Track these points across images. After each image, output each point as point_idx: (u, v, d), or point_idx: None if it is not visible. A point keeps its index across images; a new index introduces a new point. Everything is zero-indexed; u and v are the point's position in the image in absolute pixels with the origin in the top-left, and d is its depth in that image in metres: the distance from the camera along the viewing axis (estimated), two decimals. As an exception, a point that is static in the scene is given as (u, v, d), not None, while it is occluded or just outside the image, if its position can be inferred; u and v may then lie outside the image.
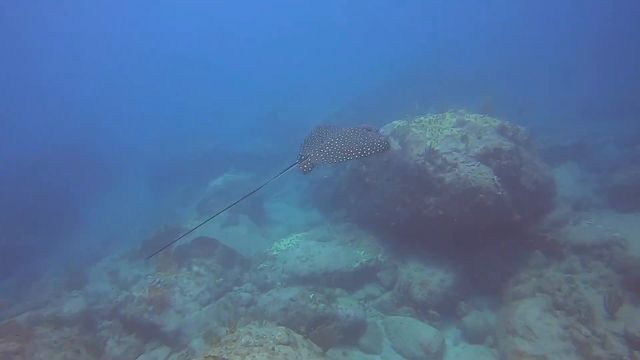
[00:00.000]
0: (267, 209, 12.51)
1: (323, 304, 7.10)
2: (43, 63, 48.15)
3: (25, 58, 45.74)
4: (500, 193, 6.97)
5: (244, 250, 9.43)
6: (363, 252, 8.45)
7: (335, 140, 4.56)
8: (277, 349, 5.28)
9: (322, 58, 45.82)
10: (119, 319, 7.33)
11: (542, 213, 8.15)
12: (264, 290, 8.00)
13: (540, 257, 7.46)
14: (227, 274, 8.77)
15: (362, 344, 6.92)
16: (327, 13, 53.64)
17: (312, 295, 7.27)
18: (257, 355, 4.90)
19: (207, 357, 4.72)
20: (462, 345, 6.83)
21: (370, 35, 48.14)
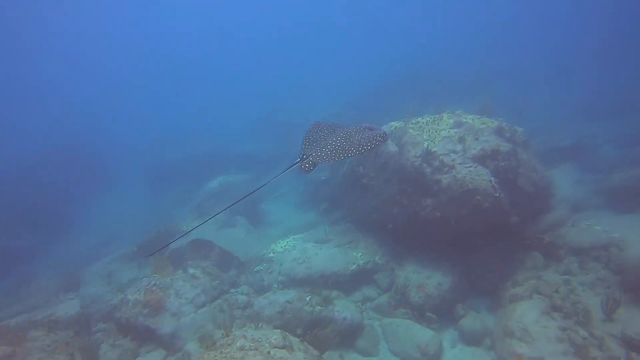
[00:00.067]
0: (264, 211, 12.45)
1: (320, 307, 7.07)
2: (43, 63, 48.04)
3: (25, 58, 45.62)
4: (498, 195, 6.95)
5: (241, 252, 9.37)
6: (360, 254, 8.41)
7: (337, 140, 4.59)
8: (272, 353, 5.23)
9: (321, 58, 45.99)
10: (114, 322, 7.25)
11: (540, 214, 8.14)
12: (261, 293, 7.95)
13: (538, 259, 7.44)
14: (223, 277, 8.70)
15: (359, 347, 6.88)
16: (326, 13, 53.78)
17: (308, 298, 7.23)
18: (252, 359, 4.85)
19: (201, 361, 4.68)
20: (459, 348, 6.79)
21: (370, 35, 48.36)
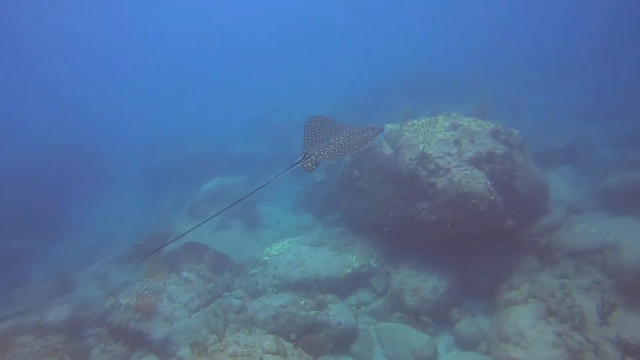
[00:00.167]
0: (259, 213, 12.37)
1: (314, 311, 7.01)
2: (43, 63, 47.94)
3: (25, 58, 45.52)
4: (494, 198, 6.91)
5: (236, 255, 9.29)
6: (355, 257, 8.35)
7: (340, 139, 4.62)
8: (265, 359, 5.17)
9: (321, 58, 45.94)
10: (106, 327, 7.16)
11: (535, 217, 8.09)
12: (255, 297, 7.88)
13: (534, 262, 7.40)
14: (217, 280, 8.62)
15: (353, 352, 6.80)
16: (326, 13, 53.86)
17: (303, 302, 7.17)
18: (243, 366, 4.79)
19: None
20: (455, 352, 6.73)
21: (370, 36, 48.40)
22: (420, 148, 7.66)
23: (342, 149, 4.47)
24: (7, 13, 36.61)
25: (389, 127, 8.72)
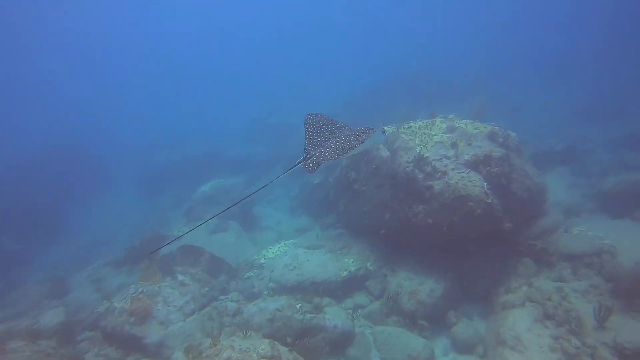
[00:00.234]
0: (257, 214, 12.31)
1: (310, 315, 6.96)
2: (43, 63, 47.99)
3: (25, 57, 45.55)
4: (490, 201, 6.87)
5: (232, 258, 9.25)
6: (352, 260, 8.30)
7: (342, 139, 4.62)
8: (258, 364, 5.13)
9: (321, 58, 45.90)
10: (100, 330, 7.12)
11: (533, 219, 8.05)
12: (251, 300, 7.83)
13: (531, 265, 7.36)
14: (213, 283, 8.58)
15: (349, 355, 6.75)
16: (326, 13, 53.85)
17: (299, 306, 7.13)
18: (237, 372, 4.75)
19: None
20: (451, 356, 6.69)
21: (370, 36, 48.34)
22: (417, 150, 7.62)
23: (343, 150, 4.47)
24: (7, 13, 36.61)
25: (386, 129, 8.67)
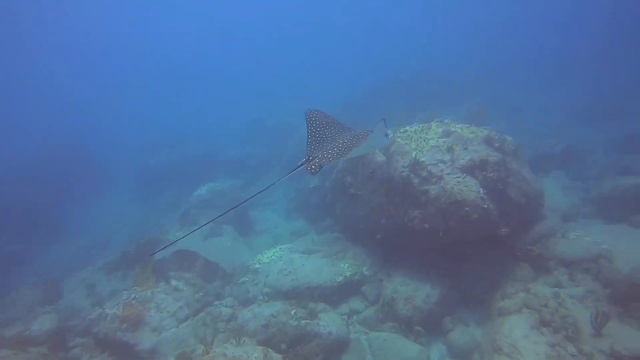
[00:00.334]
0: (252, 219, 12.21)
1: (305, 321, 6.88)
2: (43, 62, 48.04)
3: (25, 57, 45.58)
4: (486, 206, 6.79)
5: (227, 263, 9.17)
6: (348, 265, 8.23)
7: (344, 141, 4.59)
8: (250, 374, 5.07)
9: (321, 58, 45.87)
10: (92, 337, 7.05)
11: (530, 224, 7.96)
12: (246, 305, 7.76)
13: (527, 270, 7.28)
14: (207, 288, 8.50)
15: (344, 362, 6.71)
16: (326, 13, 53.83)
17: (293, 312, 7.05)
18: (227, 382, 4.69)
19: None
20: (447, 363, 6.65)
21: (370, 36, 48.30)
22: (413, 155, 7.55)
23: (346, 152, 4.44)
24: (7, 13, 36.61)
25: (389, 133, 8.57)
